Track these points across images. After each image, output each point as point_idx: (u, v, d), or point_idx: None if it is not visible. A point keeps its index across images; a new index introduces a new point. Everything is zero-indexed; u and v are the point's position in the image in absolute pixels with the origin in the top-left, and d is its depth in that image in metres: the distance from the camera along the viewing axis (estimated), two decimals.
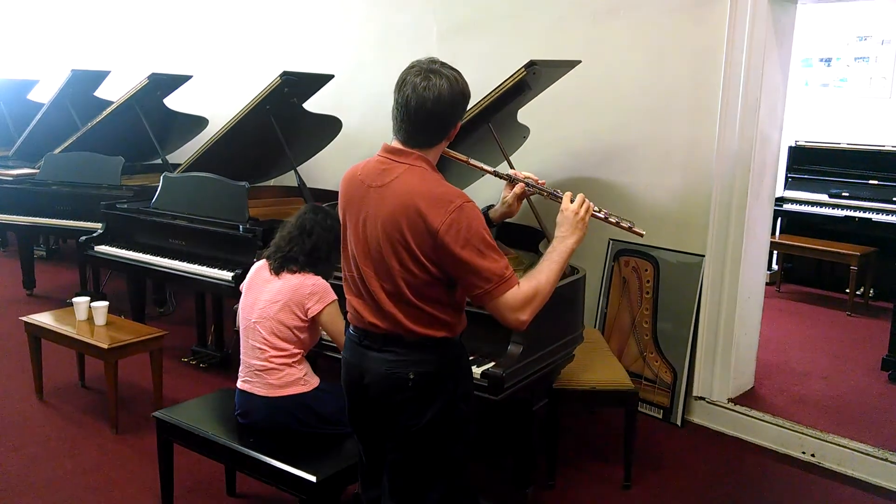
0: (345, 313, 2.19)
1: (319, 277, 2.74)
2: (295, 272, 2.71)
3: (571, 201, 2.08)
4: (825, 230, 5.98)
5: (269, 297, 2.71)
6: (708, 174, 3.72)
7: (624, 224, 2.19)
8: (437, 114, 1.86)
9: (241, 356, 2.79)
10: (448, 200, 1.83)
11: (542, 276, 1.95)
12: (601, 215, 2.17)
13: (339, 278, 2.18)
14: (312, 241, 2.73)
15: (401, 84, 1.88)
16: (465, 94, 1.92)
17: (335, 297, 2.71)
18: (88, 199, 5.21)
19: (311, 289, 2.68)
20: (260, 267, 2.81)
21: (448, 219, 1.81)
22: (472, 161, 2.22)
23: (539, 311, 1.94)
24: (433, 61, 1.90)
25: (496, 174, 2.26)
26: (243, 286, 2.86)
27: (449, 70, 1.89)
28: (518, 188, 2.23)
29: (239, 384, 2.77)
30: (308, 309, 2.67)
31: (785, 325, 5.36)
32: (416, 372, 1.94)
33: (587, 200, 2.10)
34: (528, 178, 2.25)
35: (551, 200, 2.19)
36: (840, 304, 5.81)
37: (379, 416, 2.05)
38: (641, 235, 2.22)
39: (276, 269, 2.73)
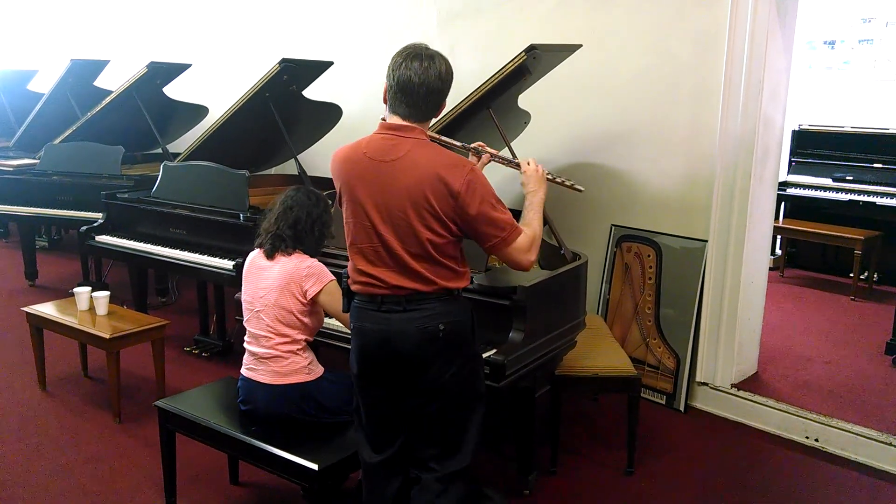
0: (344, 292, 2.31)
1: (315, 259, 2.74)
2: (289, 254, 2.71)
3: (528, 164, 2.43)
4: (829, 214, 5.95)
5: (267, 283, 2.70)
6: (711, 158, 3.69)
7: (567, 182, 2.62)
8: (438, 90, 2.11)
9: (244, 345, 2.78)
10: (462, 165, 2.10)
11: (534, 222, 2.28)
12: (549, 176, 2.53)
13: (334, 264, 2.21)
14: (294, 215, 2.73)
15: (399, 65, 2.08)
16: (453, 75, 2.16)
17: (332, 277, 2.71)
18: (89, 188, 5.20)
19: (307, 270, 2.68)
20: (255, 256, 2.80)
21: (465, 180, 2.06)
22: (444, 138, 2.44)
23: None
24: (426, 46, 2.12)
25: (464, 147, 2.48)
26: (243, 277, 2.85)
27: (439, 53, 2.12)
28: (485, 158, 2.50)
29: (243, 371, 2.76)
30: (307, 290, 2.66)
31: (788, 310, 5.34)
32: (445, 323, 2.15)
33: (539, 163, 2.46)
34: (490, 151, 2.54)
35: (513, 168, 2.55)
36: (844, 289, 5.79)
37: (406, 374, 2.19)
38: (581, 191, 2.67)
39: (269, 253, 2.72)
